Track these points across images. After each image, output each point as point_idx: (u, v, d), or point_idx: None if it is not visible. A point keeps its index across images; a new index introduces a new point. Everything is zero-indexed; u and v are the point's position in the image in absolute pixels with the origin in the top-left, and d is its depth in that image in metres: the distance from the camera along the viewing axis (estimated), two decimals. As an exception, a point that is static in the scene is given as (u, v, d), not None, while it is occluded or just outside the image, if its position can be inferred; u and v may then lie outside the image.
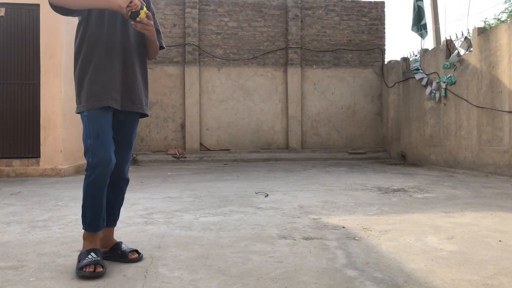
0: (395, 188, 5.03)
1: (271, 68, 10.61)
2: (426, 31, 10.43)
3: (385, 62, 10.83)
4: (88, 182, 2.09)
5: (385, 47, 11.11)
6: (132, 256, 2.21)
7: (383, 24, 10.98)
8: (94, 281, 1.92)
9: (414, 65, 8.89)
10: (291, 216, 3.37)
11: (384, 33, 10.97)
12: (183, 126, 10.37)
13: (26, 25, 6.73)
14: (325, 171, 7.25)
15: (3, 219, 3.29)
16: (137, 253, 2.25)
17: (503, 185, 5.28)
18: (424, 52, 8.63)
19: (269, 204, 3.92)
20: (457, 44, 7.67)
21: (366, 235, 2.74)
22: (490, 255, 2.29)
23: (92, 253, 2.03)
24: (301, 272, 2.02)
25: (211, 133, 10.45)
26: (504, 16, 17.52)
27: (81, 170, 7.44)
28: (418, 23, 10.44)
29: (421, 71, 8.59)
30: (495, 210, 3.61)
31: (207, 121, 10.43)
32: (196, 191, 4.82)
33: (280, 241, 2.60)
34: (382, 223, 3.10)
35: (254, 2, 10.60)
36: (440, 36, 12.88)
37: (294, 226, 3.01)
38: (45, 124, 6.65)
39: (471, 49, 7.18)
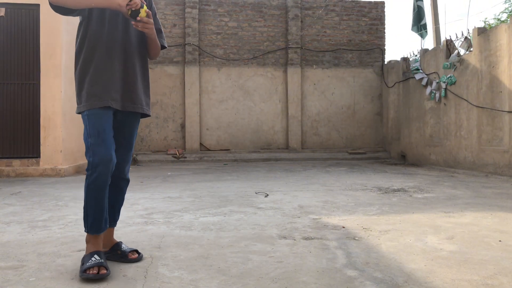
0: (395, 188, 5.03)
1: (271, 68, 10.61)
2: (426, 31, 10.43)
3: (385, 62, 10.83)
4: (89, 182, 2.07)
5: (385, 47, 11.12)
6: (132, 256, 2.21)
7: (383, 24, 10.98)
8: (95, 282, 1.92)
9: (414, 65, 8.89)
10: (291, 216, 3.37)
11: (384, 33, 10.97)
12: (183, 126, 10.37)
13: (26, 25, 6.73)
14: (325, 171, 7.25)
15: (3, 219, 3.30)
16: (137, 253, 2.25)
17: (503, 185, 5.28)
18: (424, 52, 8.63)
19: (269, 204, 3.92)
20: (457, 44, 7.67)
21: (366, 235, 2.74)
22: (490, 255, 2.29)
23: (96, 255, 2.01)
24: (301, 272, 2.02)
25: (211, 133, 10.45)
26: (504, 16, 17.52)
27: (81, 170, 7.44)
28: (418, 23, 10.44)
29: (421, 71, 8.59)
30: (495, 210, 3.61)
31: (207, 121, 10.43)
32: (196, 191, 4.82)
33: (280, 241, 2.60)
34: (382, 223, 3.10)
35: (254, 2, 10.60)
36: (440, 36, 12.89)
37: (294, 226, 3.01)
38: (45, 124, 6.65)
39: (471, 49, 7.18)
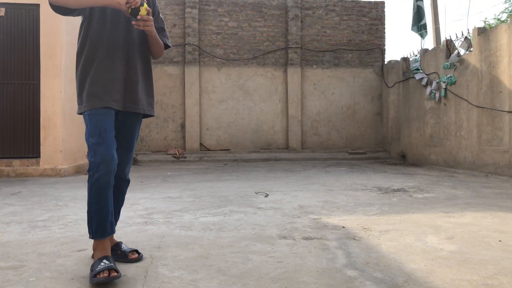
0: (395, 188, 5.03)
1: (271, 68, 10.61)
2: (426, 31, 10.43)
3: (385, 62, 10.83)
4: (92, 183, 2.03)
5: (385, 47, 11.12)
6: (132, 256, 2.21)
7: (383, 24, 10.98)
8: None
9: (414, 65, 8.89)
10: (291, 216, 3.37)
11: (384, 33, 10.97)
12: (183, 126, 10.37)
13: (26, 25, 6.73)
14: (325, 171, 7.25)
15: (3, 219, 3.30)
16: (137, 253, 2.25)
17: (503, 185, 5.28)
18: (424, 52, 8.63)
19: (269, 204, 3.92)
20: (457, 44, 7.67)
21: (366, 235, 2.74)
22: (490, 255, 2.29)
23: (105, 260, 1.96)
24: (301, 272, 2.02)
25: (211, 133, 10.45)
26: (504, 16, 17.52)
27: (81, 170, 7.44)
28: (418, 23, 10.44)
29: (421, 71, 8.59)
30: (495, 210, 3.61)
31: (207, 121, 10.43)
32: (196, 191, 4.82)
33: (280, 241, 2.59)
34: (382, 223, 3.10)
35: (254, 2, 10.60)
36: (440, 36, 12.89)
37: (294, 226, 3.01)
38: (45, 124, 6.65)
39: (471, 49, 7.18)
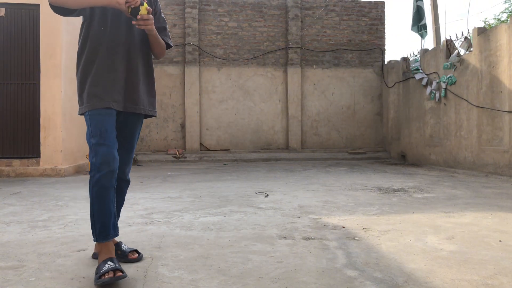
0: (395, 188, 5.03)
1: (271, 68, 10.61)
2: (426, 31, 10.43)
3: (385, 62, 10.83)
4: (93, 183, 2.01)
5: (385, 47, 11.12)
6: (132, 256, 2.21)
7: (383, 24, 10.98)
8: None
9: (414, 65, 8.89)
10: (291, 216, 3.37)
11: (384, 33, 10.97)
12: (183, 126, 10.37)
13: (26, 25, 6.73)
14: (325, 171, 7.25)
15: (3, 219, 3.30)
16: (137, 253, 2.25)
17: (503, 185, 5.28)
18: (424, 52, 8.63)
19: (269, 204, 3.92)
20: (457, 44, 7.67)
21: (366, 235, 2.74)
22: (490, 255, 2.29)
23: (109, 262, 1.93)
24: (301, 272, 2.02)
25: (211, 133, 10.45)
26: (504, 16, 17.52)
27: (81, 170, 7.44)
28: (418, 23, 10.44)
29: (421, 71, 8.59)
30: (495, 210, 3.61)
31: (207, 121, 10.43)
32: (196, 191, 4.82)
33: (280, 241, 2.59)
34: (382, 223, 3.10)
35: (254, 2, 10.60)
36: (440, 36, 12.89)
37: (294, 226, 3.01)
38: (45, 124, 6.65)
39: (471, 49, 7.18)
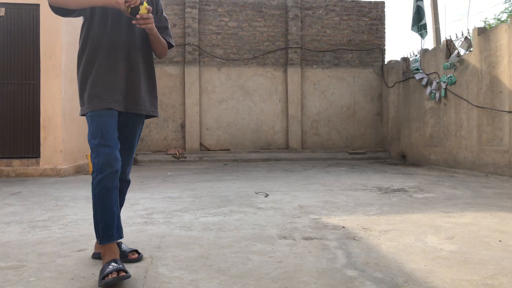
0: (395, 188, 5.03)
1: (271, 68, 10.61)
2: (426, 31, 10.43)
3: (385, 62, 10.83)
4: (95, 184, 2.00)
5: (385, 47, 11.12)
6: (132, 256, 2.20)
7: (383, 24, 10.98)
8: (94, 281, 1.92)
9: (414, 65, 8.89)
10: (291, 216, 3.37)
11: (384, 33, 10.97)
12: (183, 126, 10.37)
13: (26, 25, 6.73)
14: (325, 171, 7.25)
15: (3, 219, 3.30)
16: (137, 253, 2.25)
17: (503, 185, 5.28)
18: (424, 52, 8.63)
19: (269, 204, 3.92)
20: (457, 44, 7.67)
21: (366, 235, 2.74)
22: (490, 255, 2.29)
23: (113, 263, 1.92)
24: (301, 272, 2.02)
25: (211, 133, 10.45)
26: (504, 16, 17.52)
27: (81, 170, 7.44)
28: (418, 23, 10.44)
29: (421, 71, 8.59)
30: (495, 210, 3.61)
31: (207, 121, 10.43)
32: (196, 191, 4.82)
33: (280, 241, 2.59)
34: (382, 223, 3.10)
35: (254, 2, 10.60)
36: (440, 36, 12.89)
37: (294, 226, 3.01)
38: (45, 124, 6.65)
39: (471, 49, 7.18)
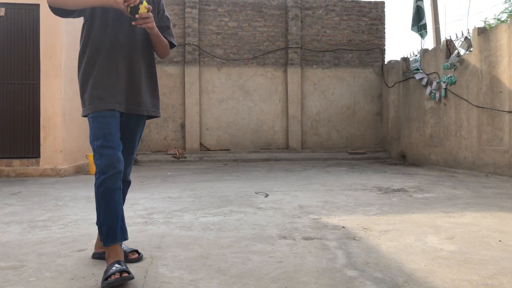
0: (395, 188, 5.03)
1: (271, 68, 10.61)
2: (426, 31, 10.42)
3: (385, 62, 10.83)
4: (98, 185, 1.99)
5: (385, 47, 11.12)
6: (132, 256, 2.20)
7: (383, 24, 10.98)
8: (94, 281, 1.92)
9: (414, 65, 8.89)
10: (291, 216, 3.37)
11: (384, 33, 10.97)
12: (183, 126, 10.37)
13: (26, 25, 6.73)
14: (325, 171, 7.25)
15: (3, 219, 3.30)
16: (137, 253, 2.25)
17: (503, 185, 5.28)
18: (424, 52, 8.63)
19: (269, 204, 3.92)
20: (457, 44, 7.67)
21: (366, 235, 2.74)
22: (490, 255, 2.29)
23: (117, 264, 1.90)
24: (301, 272, 2.02)
25: (211, 133, 10.45)
26: (504, 16, 17.52)
27: (81, 170, 7.44)
28: (418, 23, 10.43)
29: (421, 71, 8.59)
30: (495, 210, 3.61)
31: (207, 121, 10.43)
32: (196, 191, 4.82)
33: (280, 241, 2.59)
34: (382, 223, 3.10)
35: (254, 2, 10.60)
36: (440, 36, 12.89)
37: (294, 226, 3.01)
38: (45, 124, 6.65)
39: (471, 49, 7.18)
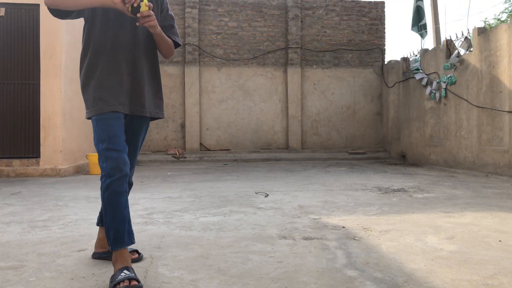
0: (395, 188, 5.03)
1: (271, 68, 10.61)
2: (426, 31, 10.42)
3: (385, 62, 10.83)
4: (104, 188, 1.96)
5: (385, 47, 11.12)
6: (132, 256, 2.20)
7: (383, 24, 10.98)
8: (95, 281, 1.92)
9: (414, 65, 8.89)
10: (291, 216, 3.37)
11: (384, 33, 10.97)
12: (183, 126, 10.36)
13: (26, 25, 6.73)
14: (325, 171, 7.25)
15: (3, 219, 3.30)
16: (137, 253, 2.25)
17: (503, 185, 5.28)
18: (424, 52, 8.63)
19: (269, 204, 3.92)
20: (457, 44, 7.67)
21: (366, 235, 2.74)
22: (490, 255, 2.29)
23: (125, 271, 1.87)
24: (301, 272, 2.02)
25: (211, 133, 10.45)
26: (504, 16, 17.52)
27: (81, 170, 7.44)
28: (418, 23, 10.43)
29: (421, 71, 8.58)
30: (495, 210, 3.61)
31: (207, 121, 10.43)
32: (196, 191, 4.82)
33: (280, 241, 2.59)
34: (382, 223, 3.10)
35: (254, 2, 10.60)
36: (440, 36, 12.89)
37: (294, 226, 3.01)
38: (45, 124, 6.65)
39: (471, 49, 7.18)
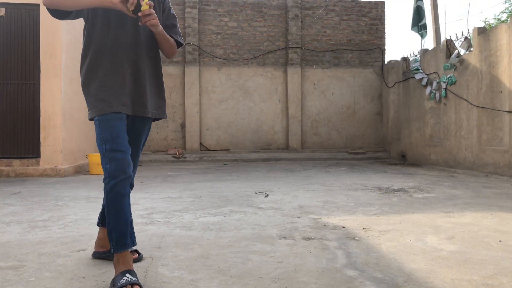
0: (395, 188, 5.03)
1: (271, 68, 10.61)
2: (426, 31, 10.42)
3: (385, 62, 10.83)
4: (108, 190, 1.94)
5: (385, 47, 11.12)
6: (132, 257, 2.19)
7: (383, 24, 10.98)
8: (95, 281, 1.92)
9: (414, 65, 8.89)
10: (291, 216, 3.37)
11: (384, 33, 10.97)
12: (183, 126, 10.36)
13: (26, 25, 6.73)
14: (325, 171, 7.25)
15: (3, 219, 3.30)
16: (137, 253, 2.25)
17: (503, 185, 5.28)
18: (424, 52, 8.63)
19: (269, 204, 3.92)
20: (457, 44, 7.67)
21: (366, 235, 2.74)
22: (490, 255, 2.29)
23: (128, 274, 1.85)
24: (301, 272, 2.02)
25: (211, 133, 10.45)
26: (504, 16, 17.52)
27: (81, 170, 7.44)
28: (418, 23, 10.43)
29: (421, 71, 8.58)
30: (495, 210, 3.61)
31: (207, 121, 10.43)
32: (196, 191, 4.82)
33: (280, 241, 2.60)
34: (382, 223, 3.10)
35: (254, 2, 10.60)
36: (440, 36, 12.89)
37: (294, 226, 3.01)
38: (45, 124, 6.65)
39: (471, 49, 7.18)
